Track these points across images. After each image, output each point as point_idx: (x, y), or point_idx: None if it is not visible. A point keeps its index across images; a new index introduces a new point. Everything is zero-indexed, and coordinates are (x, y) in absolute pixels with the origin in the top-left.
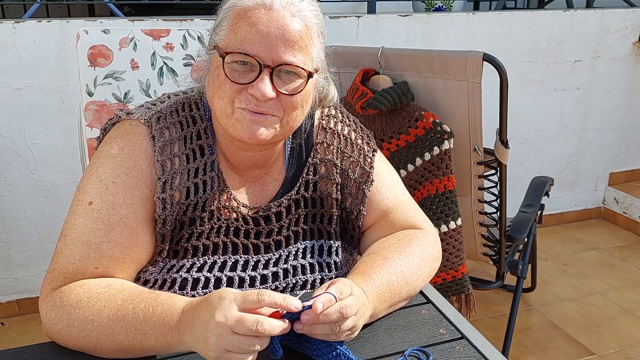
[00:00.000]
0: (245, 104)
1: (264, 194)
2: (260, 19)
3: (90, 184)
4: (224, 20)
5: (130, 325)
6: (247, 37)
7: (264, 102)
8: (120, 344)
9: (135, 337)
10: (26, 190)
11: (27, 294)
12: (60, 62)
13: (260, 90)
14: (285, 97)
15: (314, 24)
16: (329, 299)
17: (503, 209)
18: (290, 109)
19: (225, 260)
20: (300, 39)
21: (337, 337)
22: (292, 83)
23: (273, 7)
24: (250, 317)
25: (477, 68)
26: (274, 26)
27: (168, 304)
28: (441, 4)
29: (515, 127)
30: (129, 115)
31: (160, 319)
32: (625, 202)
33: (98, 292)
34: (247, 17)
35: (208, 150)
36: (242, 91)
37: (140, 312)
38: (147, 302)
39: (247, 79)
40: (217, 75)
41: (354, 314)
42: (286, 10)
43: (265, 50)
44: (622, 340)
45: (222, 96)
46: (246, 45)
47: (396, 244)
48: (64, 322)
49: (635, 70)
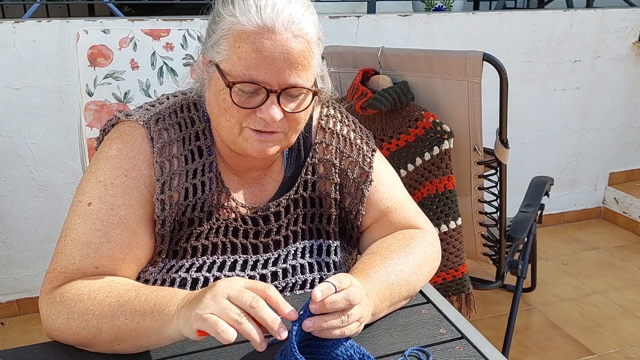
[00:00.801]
0: (253, 125)
1: (262, 194)
2: (265, 45)
3: (89, 185)
4: (223, 39)
5: (131, 307)
6: (253, 63)
7: (272, 123)
8: (119, 330)
9: (133, 319)
10: (26, 190)
11: (27, 294)
12: (60, 62)
13: (270, 115)
14: (291, 115)
15: (314, 37)
16: (328, 287)
17: (503, 208)
18: (295, 123)
19: (224, 260)
20: (304, 59)
21: (347, 329)
22: (298, 101)
23: (275, 29)
24: (251, 292)
25: (477, 68)
26: (278, 51)
27: (173, 291)
28: (441, 4)
29: (515, 127)
30: (127, 117)
31: (162, 299)
32: (625, 202)
33: (100, 285)
34: (250, 41)
35: (206, 151)
36: (251, 114)
37: (143, 296)
38: (151, 289)
39: (254, 103)
40: (223, 100)
41: (360, 302)
42: (289, 32)
43: (272, 76)
44: (622, 340)
45: (229, 119)
46: (252, 72)
47: (395, 244)
48: (64, 316)
49: (635, 70)
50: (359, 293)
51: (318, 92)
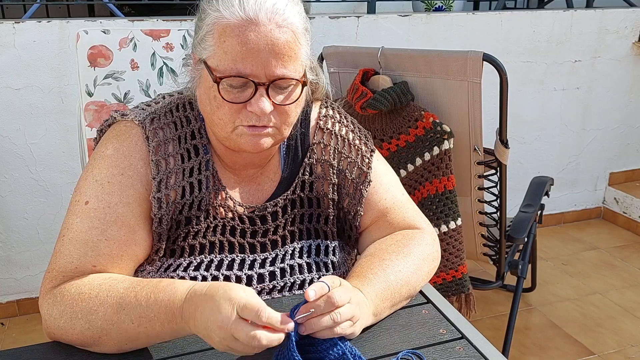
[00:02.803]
0: (246, 121)
1: (259, 194)
2: (249, 37)
3: (86, 185)
4: (208, 35)
5: (134, 312)
6: (239, 57)
7: (264, 117)
8: (126, 332)
9: (140, 325)
10: (26, 191)
11: (27, 294)
12: (60, 62)
13: (259, 107)
14: (282, 107)
15: (299, 27)
16: (321, 287)
17: (503, 209)
18: (286, 116)
19: (221, 259)
20: (289, 49)
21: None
22: (287, 92)
23: (259, 21)
24: (246, 331)
25: (477, 68)
26: (263, 42)
27: (170, 291)
28: (441, 4)
29: (515, 127)
30: (123, 117)
31: (163, 306)
32: (625, 202)
33: (99, 283)
34: (234, 35)
35: (202, 150)
36: (242, 110)
37: (142, 300)
38: (148, 289)
39: (243, 97)
40: (214, 97)
41: (347, 301)
42: (272, 23)
43: (258, 68)
44: (622, 340)
45: (222, 117)
46: (239, 66)
47: (394, 245)
48: (67, 315)
49: (635, 70)
50: (344, 293)
51: (307, 82)
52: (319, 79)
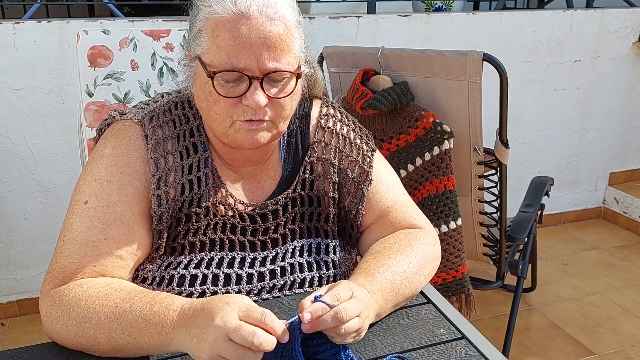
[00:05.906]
0: (242, 116)
1: (260, 192)
2: (241, 31)
3: (85, 184)
4: (202, 31)
5: (127, 322)
6: (232, 51)
7: (259, 110)
8: (116, 342)
9: (130, 335)
10: (26, 191)
11: (27, 295)
12: (60, 62)
13: (254, 100)
14: (277, 100)
15: (292, 20)
16: (321, 307)
17: (503, 209)
18: (282, 109)
19: (222, 257)
20: (282, 42)
21: (343, 339)
22: (282, 85)
23: (250, 14)
24: (248, 327)
25: (477, 68)
26: (255, 35)
27: (166, 303)
28: (441, 4)
29: (515, 127)
30: (122, 116)
31: (157, 316)
32: (625, 202)
33: (97, 290)
34: (226, 29)
35: (201, 147)
36: (238, 104)
37: (137, 310)
38: (145, 300)
39: (238, 91)
40: (209, 93)
41: (357, 315)
42: (264, 16)
43: (252, 62)
44: (622, 340)
45: (219, 112)
46: (233, 60)
47: (397, 244)
48: (63, 320)
49: (635, 70)
50: (355, 307)
51: (301, 75)
52: (315, 73)
